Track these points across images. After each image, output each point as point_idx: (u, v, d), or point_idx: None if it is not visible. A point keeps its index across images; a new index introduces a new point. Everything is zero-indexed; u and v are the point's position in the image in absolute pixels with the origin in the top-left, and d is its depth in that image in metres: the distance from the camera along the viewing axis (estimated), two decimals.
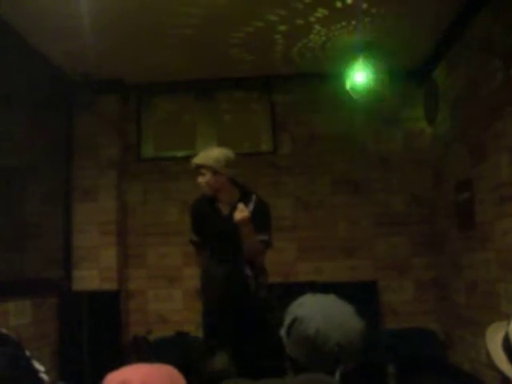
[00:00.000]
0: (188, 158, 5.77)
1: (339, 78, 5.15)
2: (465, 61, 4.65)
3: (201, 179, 3.75)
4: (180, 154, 5.96)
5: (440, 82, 5.31)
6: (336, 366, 1.65)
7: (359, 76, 4.99)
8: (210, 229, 3.86)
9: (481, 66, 4.28)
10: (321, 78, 5.75)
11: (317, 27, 4.65)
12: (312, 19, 4.50)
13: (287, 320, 1.76)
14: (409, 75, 5.78)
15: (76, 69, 5.31)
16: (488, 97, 4.13)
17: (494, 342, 1.71)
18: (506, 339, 1.67)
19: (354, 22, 4.58)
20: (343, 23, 4.60)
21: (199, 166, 3.73)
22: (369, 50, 4.98)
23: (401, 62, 5.36)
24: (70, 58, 5.04)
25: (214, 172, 3.70)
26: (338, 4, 4.26)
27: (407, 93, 5.86)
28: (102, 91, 5.63)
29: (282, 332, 1.78)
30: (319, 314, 1.71)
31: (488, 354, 1.72)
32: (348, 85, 5.08)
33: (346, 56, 5.05)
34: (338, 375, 1.64)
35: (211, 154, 3.74)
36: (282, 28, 4.65)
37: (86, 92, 5.58)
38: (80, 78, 5.45)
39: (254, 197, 3.79)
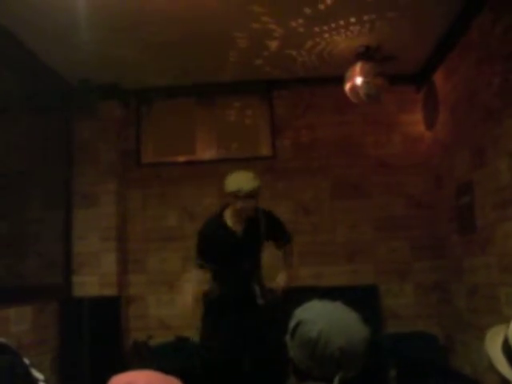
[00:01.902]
0: (188, 163, 5.85)
1: (338, 81, 5.16)
2: (464, 64, 4.65)
3: (254, 203, 3.88)
4: (180, 159, 5.96)
5: (439, 85, 5.31)
6: (337, 371, 1.64)
7: (358, 80, 4.99)
8: (226, 250, 3.98)
9: (480, 69, 4.28)
10: (320, 82, 5.75)
11: (315, 31, 4.66)
12: (311, 23, 4.51)
13: (292, 323, 1.77)
14: (408, 79, 5.79)
15: (75, 74, 5.31)
16: (487, 100, 4.14)
17: (493, 345, 1.71)
18: (505, 342, 1.66)
19: (354, 26, 4.59)
20: (343, 27, 4.61)
21: (255, 191, 3.84)
22: (368, 53, 4.99)
23: (400, 66, 5.36)
24: (69, 63, 5.05)
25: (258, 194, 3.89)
26: (338, 7, 4.27)
27: (406, 97, 5.87)
28: (102, 96, 5.63)
29: (287, 336, 1.78)
30: (324, 318, 1.72)
31: (488, 358, 1.72)
32: (347, 89, 5.09)
33: (345, 60, 5.06)
34: (336, 380, 1.63)
35: (255, 178, 3.89)
36: (282, 32, 4.65)
37: (85, 97, 5.58)
38: (79, 84, 5.45)
39: (260, 209, 4.01)
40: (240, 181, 3.84)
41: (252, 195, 3.82)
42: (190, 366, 4.20)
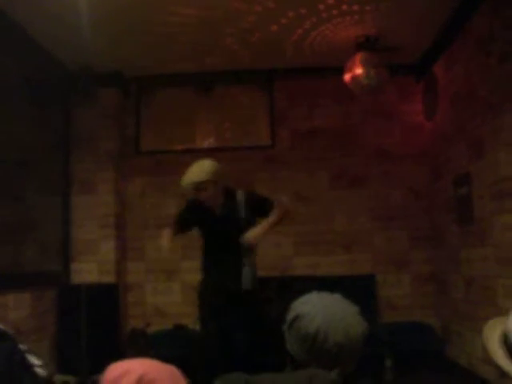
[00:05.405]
0: (187, 152, 5.85)
1: (338, 71, 5.15)
2: (464, 56, 4.65)
3: (205, 194, 3.87)
4: (179, 147, 5.95)
5: (439, 76, 5.30)
6: (334, 366, 1.62)
7: (358, 70, 4.98)
8: (208, 228, 4.05)
9: (480, 61, 4.27)
10: (320, 71, 5.75)
11: (316, 20, 4.64)
12: (311, 12, 4.50)
13: (290, 316, 1.74)
14: (408, 70, 5.78)
15: (76, 61, 5.29)
16: (487, 92, 4.13)
17: (491, 338, 1.72)
18: (503, 335, 1.67)
19: (354, 16, 4.58)
20: (343, 17, 4.59)
21: (201, 183, 3.83)
22: (368, 44, 4.98)
23: (400, 56, 5.35)
24: (69, 50, 5.03)
25: (215, 184, 3.85)
26: None
27: (406, 87, 5.86)
28: (102, 84, 5.62)
29: (284, 327, 1.77)
30: (322, 312, 1.69)
31: (486, 351, 1.73)
32: (347, 79, 5.08)
33: (346, 50, 5.04)
34: (335, 375, 1.61)
35: (207, 169, 3.87)
36: (282, 21, 4.63)
37: (85, 84, 5.56)
38: (79, 71, 5.43)
39: (239, 192, 4.02)
40: (185, 177, 3.87)
41: (198, 188, 3.84)
42: (188, 354, 4.22)
